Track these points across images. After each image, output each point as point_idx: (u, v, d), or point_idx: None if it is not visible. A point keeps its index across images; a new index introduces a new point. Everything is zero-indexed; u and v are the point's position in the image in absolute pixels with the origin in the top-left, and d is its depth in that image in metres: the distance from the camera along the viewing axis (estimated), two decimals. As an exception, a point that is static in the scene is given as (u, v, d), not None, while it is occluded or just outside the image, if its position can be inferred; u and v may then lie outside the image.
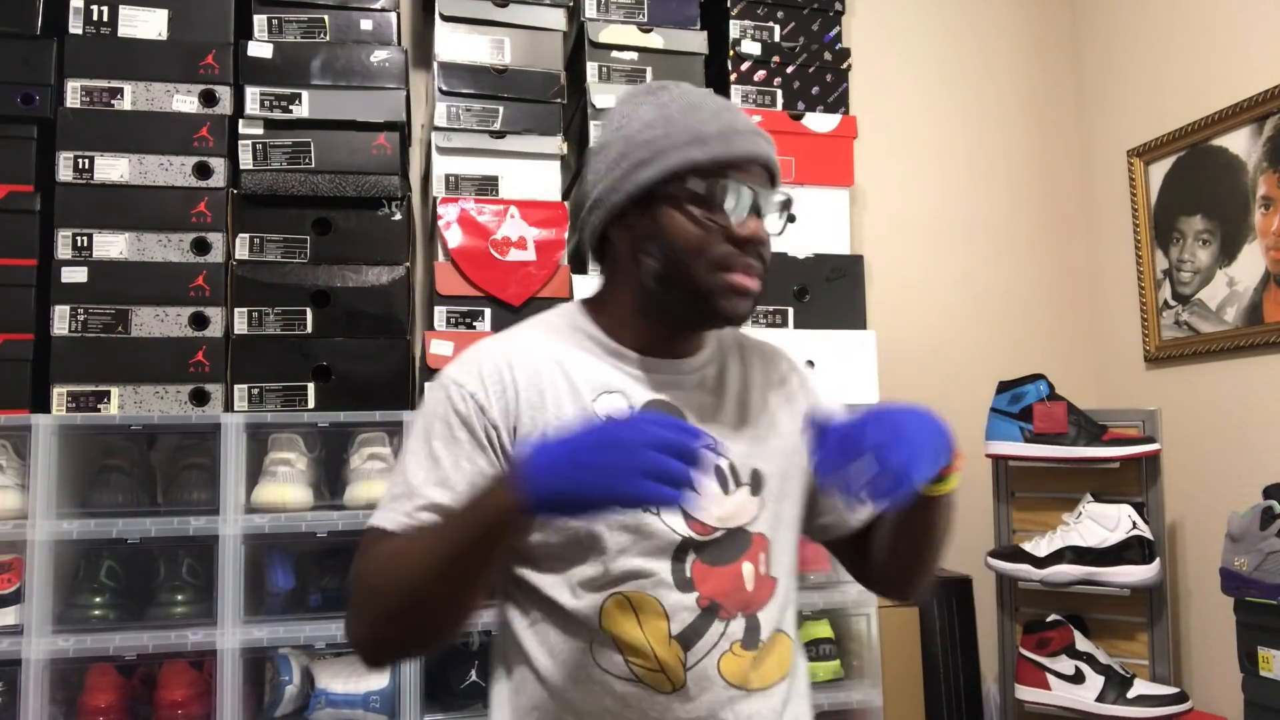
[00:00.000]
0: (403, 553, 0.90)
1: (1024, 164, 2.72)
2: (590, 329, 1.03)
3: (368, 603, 0.91)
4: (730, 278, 0.96)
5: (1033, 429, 2.07)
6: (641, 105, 1.01)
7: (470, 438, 0.95)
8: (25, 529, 1.65)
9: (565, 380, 0.99)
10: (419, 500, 0.93)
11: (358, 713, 1.75)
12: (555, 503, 0.83)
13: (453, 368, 1.00)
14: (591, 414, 0.97)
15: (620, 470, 0.80)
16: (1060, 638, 2.01)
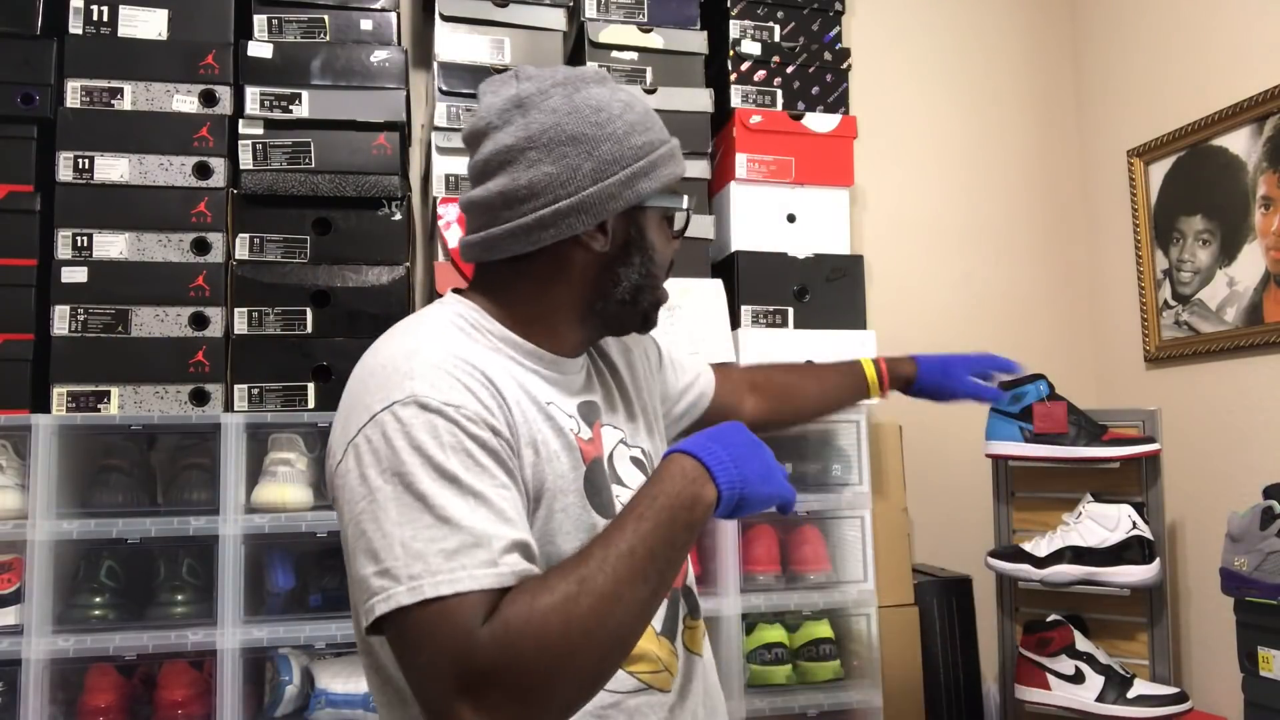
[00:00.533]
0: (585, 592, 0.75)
1: (1024, 164, 2.72)
2: (503, 333, 0.95)
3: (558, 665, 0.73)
4: (664, 293, 1.02)
5: (1033, 429, 2.07)
6: (608, 99, 0.94)
7: (495, 463, 0.83)
8: (25, 529, 1.65)
9: (523, 392, 0.92)
10: (496, 545, 0.77)
11: (358, 713, 1.75)
12: (737, 499, 0.84)
13: (421, 386, 0.82)
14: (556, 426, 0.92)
15: (775, 470, 0.88)
16: (1060, 638, 2.01)
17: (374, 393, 0.84)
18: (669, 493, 0.82)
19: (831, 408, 1.39)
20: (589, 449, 0.95)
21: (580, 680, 0.76)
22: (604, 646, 0.76)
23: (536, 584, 0.77)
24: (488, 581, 0.75)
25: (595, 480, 0.93)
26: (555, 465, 0.90)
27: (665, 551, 0.80)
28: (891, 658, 2.03)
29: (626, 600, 0.76)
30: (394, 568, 0.76)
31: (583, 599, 0.75)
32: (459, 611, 0.74)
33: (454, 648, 0.73)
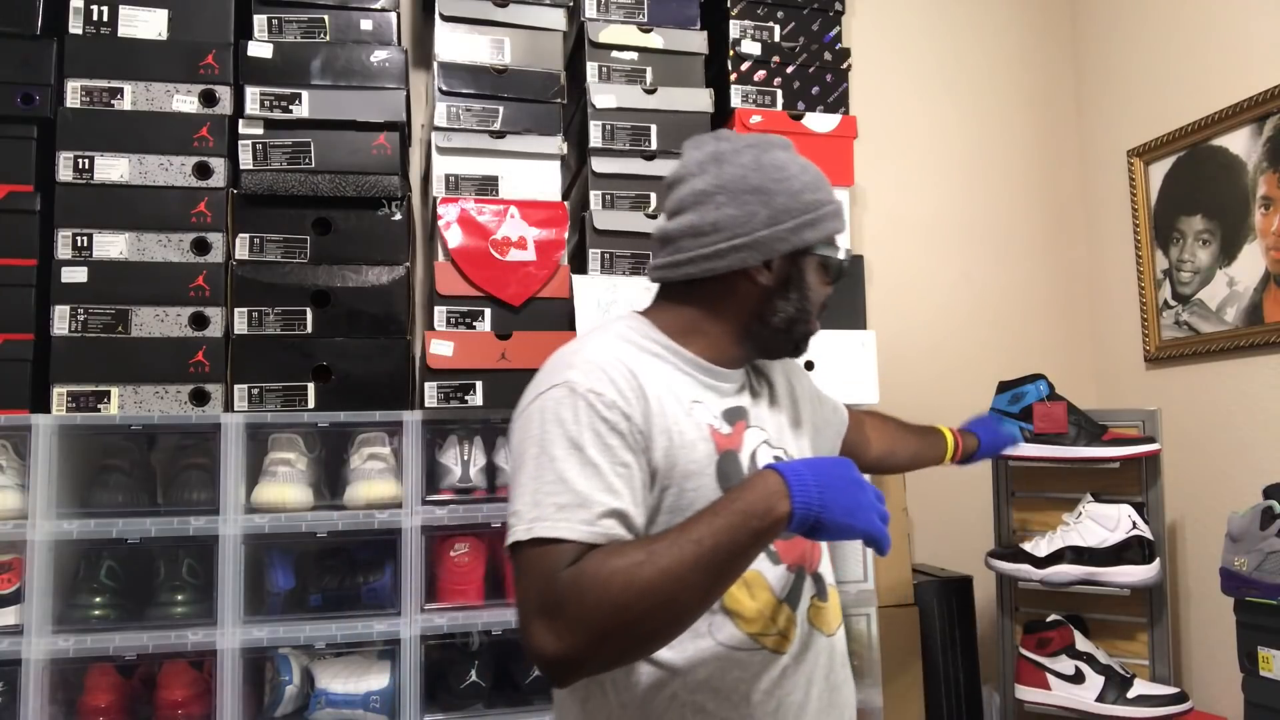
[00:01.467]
0: (650, 563, 0.90)
1: (1024, 164, 2.72)
2: (666, 342, 1.15)
3: (611, 616, 0.89)
4: (815, 326, 1.22)
5: (1033, 429, 2.07)
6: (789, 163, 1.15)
7: (621, 443, 1.01)
8: (25, 529, 1.65)
9: (669, 390, 1.09)
10: (596, 508, 0.96)
11: (358, 713, 1.75)
12: (812, 521, 0.95)
13: (577, 375, 1.03)
14: (695, 421, 1.09)
15: (865, 508, 0.97)
16: (1060, 638, 2.01)
17: (544, 378, 1.07)
18: (747, 499, 0.94)
19: (918, 464, 1.63)
20: (725, 442, 1.11)
21: (631, 632, 0.90)
22: (656, 612, 0.90)
23: (616, 548, 0.94)
24: (582, 535, 0.94)
25: (726, 468, 1.09)
26: (689, 452, 1.06)
27: (729, 548, 0.92)
28: (891, 658, 2.03)
29: (684, 580, 0.90)
30: (522, 510, 0.97)
31: (646, 567, 0.90)
32: (552, 554, 0.93)
33: (541, 580, 0.92)
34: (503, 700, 1.85)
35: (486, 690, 1.82)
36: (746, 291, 1.15)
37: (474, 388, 1.83)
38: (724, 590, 0.99)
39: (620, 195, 2.01)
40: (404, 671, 1.75)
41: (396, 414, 1.81)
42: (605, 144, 2.01)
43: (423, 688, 1.76)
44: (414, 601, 1.76)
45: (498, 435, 1.90)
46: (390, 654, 1.79)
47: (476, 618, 1.80)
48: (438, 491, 1.82)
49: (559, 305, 1.92)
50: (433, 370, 1.81)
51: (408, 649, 1.75)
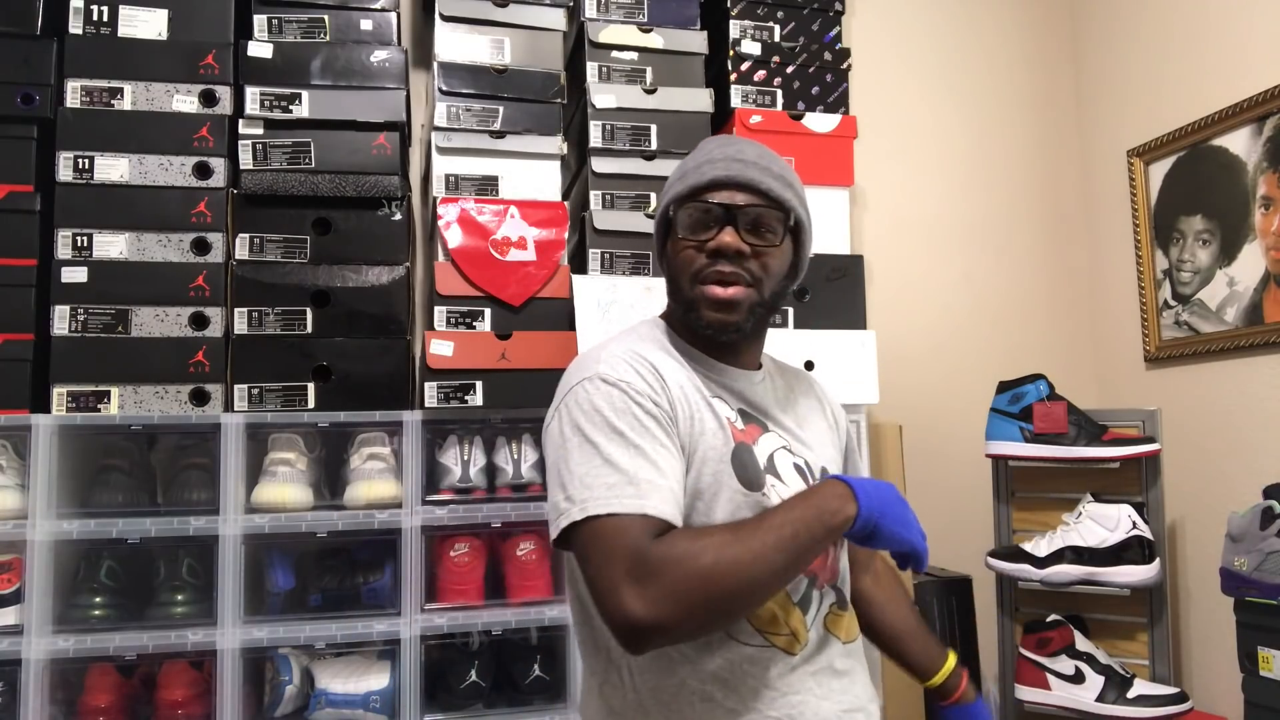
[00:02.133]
0: (737, 543, 0.97)
1: (1024, 164, 2.72)
2: (679, 342, 1.18)
3: (701, 586, 0.95)
4: (704, 289, 1.13)
5: (1033, 429, 2.07)
6: (703, 145, 1.18)
7: (659, 427, 1.05)
8: (25, 529, 1.65)
9: (690, 382, 1.13)
10: (644, 486, 1.00)
11: (358, 713, 1.75)
12: (870, 527, 1.04)
13: (604, 367, 1.08)
14: (714, 411, 1.12)
15: (913, 525, 1.07)
16: (1060, 638, 2.01)
17: (575, 373, 1.11)
18: (821, 497, 1.04)
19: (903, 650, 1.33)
20: (739, 435, 1.13)
21: (715, 603, 0.97)
22: (739, 585, 0.97)
23: (703, 528, 1.03)
24: (633, 508, 0.99)
25: (741, 457, 1.11)
26: (708, 439, 1.10)
27: (805, 538, 1.00)
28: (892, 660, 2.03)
29: (765, 559, 0.98)
30: (573, 494, 1.02)
31: (734, 546, 0.97)
32: (631, 527, 0.98)
33: (628, 549, 0.97)
34: (503, 700, 1.86)
35: (486, 690, 1.82)
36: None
37: (474, 388, 1.83)
38: (796, 575, 1.07)
39: (620, 195, 2.01)
40: (404, 671, 1.75)
41: (396, 414, 1.81)
42: (605, 144, 2.01)
43: (423, 688, 1.76)
44: (414, 601, 1.76)
45: (498, 435, 1.90)
46: (390, 654, 1.79)
47: (476, 618, 1.80)
48: (438, 491, 1.82)
49: (559, 305, 1.92)
50: (433, 370, 1.81)
51: (408, 649, 1.75)
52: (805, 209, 1.19)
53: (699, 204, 1.13)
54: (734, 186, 1.13)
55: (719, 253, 1.12)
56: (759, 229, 1.14)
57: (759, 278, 1.14)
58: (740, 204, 1.13)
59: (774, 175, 1.15)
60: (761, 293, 1.15)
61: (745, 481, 1.10)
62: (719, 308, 1.12)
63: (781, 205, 1.14)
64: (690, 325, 1.17)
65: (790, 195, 1.16)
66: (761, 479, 1.11)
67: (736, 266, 1.12)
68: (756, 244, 1.13)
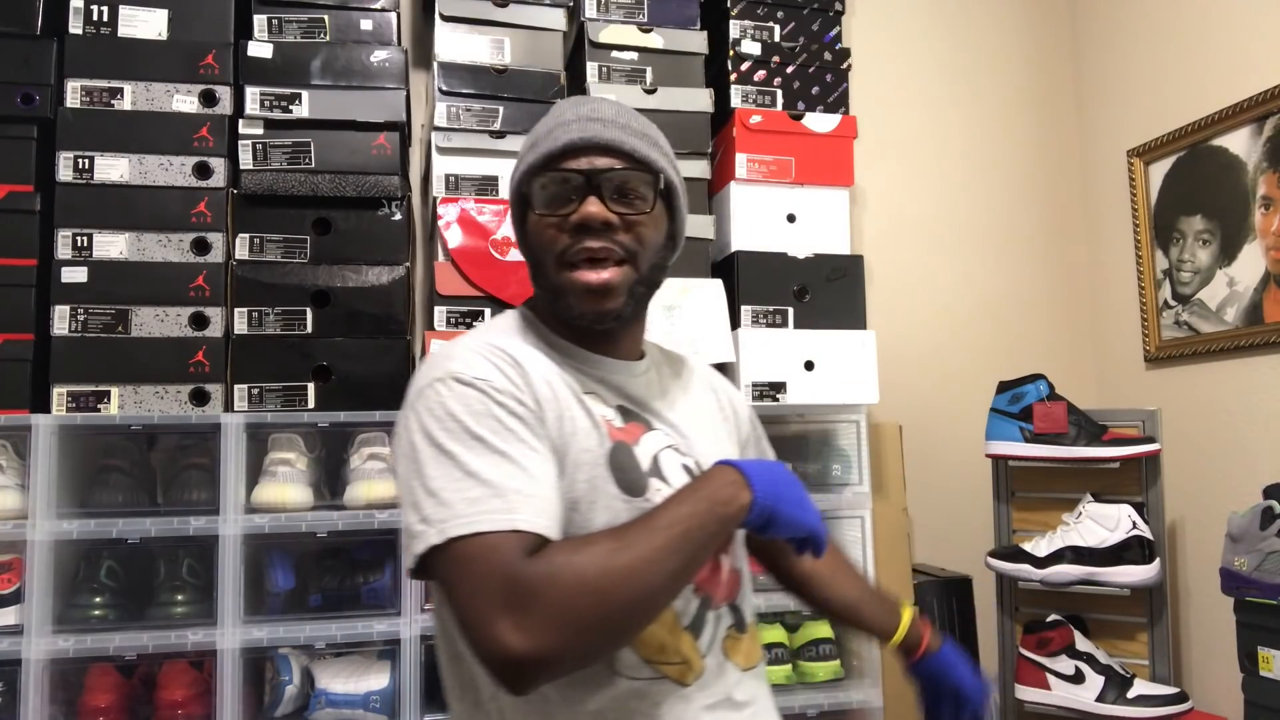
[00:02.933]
0: (624, 549, 0.85)
1: (1024, 164, 2.72)
2: (547, 334, 1.05)
3: (590, 605, 0.82)
4: (573, 275, 0.99)
5: (1033, 429, 2.07)
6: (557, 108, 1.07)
7: (525, 428, 0.92)
8: (25, 529, 1.65)
9: (559, 378, 0.99)
10: (513, 497, 0.87)
11: (358, 713, 1.75)
12: (767, 514, 0.93)
13: (457, 365, 0.94)
14: (586, 408, 0.99)
15: (809, 506, 0.97)
16: (1060, 638, 2.01)
17: (424, 374, 0.96)
18: (710, 487, 0.92)
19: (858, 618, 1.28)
20: (617, 434, 1.00)
21: (607, 623, 0.84)
22: (632, 598, 0.85)
23: (583, 538, 0.89)
24: (502, 524, 0.85)
25: (620, 459, 0.99)
26: (580, 440, 0.97)
27: (698, 535, 0.88)
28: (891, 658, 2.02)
29: (658, 564, 0.86)
30: (429, 515, 0.87)
31: (621, 554, 0.85)
32: (501, 546, 0.84)
33: (501, 573, 0.83)
34: (503, 700, 1.85)
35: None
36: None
37: (474, 388, 1.83)
38: (692, 579, 0.95)
39: (620, 195, 2.01)
40: (404, 671, 1.75)
41: (396, 414, 1.80)
42: (605, 144, 2.00)
43: (423, 688, 1.76)
44: (414, 601, 1.76)
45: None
46: (390, 654, 1.79)
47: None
48: (438, 491, 1.82)
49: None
50: (433, 370, 1.81)
51: (408, 649, 1.75)
52: (675, 169, 1.06)
53: (555, 173, 1.00)
54: (593, 150, 0.99)
55: (584, 227, 0.98)
56: (627, 195, 1.00)
57: (634, 251, 1.00)
58: (602, 168, 0.98)
59: (636, 133, 1.02)
60: (638, 269, 1.01)
61: (625, 486, 0.97)
62: (592, 294, 0.98)
63: (649, 166, 1.01)
64: (560, 314, 1.02)
65: (658, 155, 1.02)
66: (644, 483, 0.99)
67: (606, 241, 0.98)
68: (625, 213, 0.99)
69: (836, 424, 2.15)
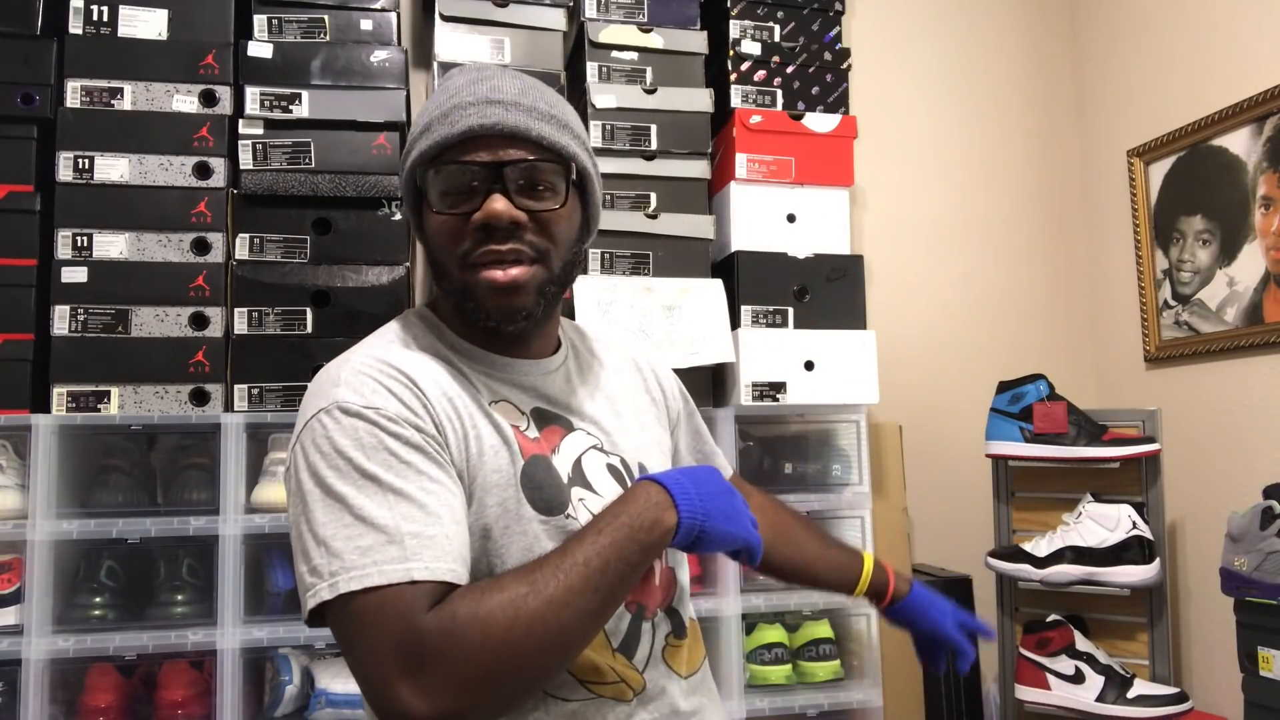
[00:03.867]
0: (534, 594, 0.78)
1: (1024, 164, 2.72)
2: (450, 338, 0.96)
3: (496, 659, 0.76)
4: (478, 275, 0.90)
5: (1033, 429, 2.07)
6: (448, 81, 0.94)
7: (423, 457, 0.84)
8: (25, 529, 1.65)
9: (460, 389, 0.91)
10: (410, 541, 0.79)
11: (358, 713, 1.75)
12: (697, 531, 0.85)
13: (344, 392, 0.85)
14: (494, 422, 0.91)
15: (742, 515, 0.88)
16: (1060, 638, 2.01)
17: (310, 402, 0.87)
18: (631, 513, 0.84)
19: (815, 578, 1.20)
20: (531, 446, 0.93)
21: (520, 675, 0.78)
22: (547, 646, 0.78)
23: (489, 583, 0.80)
24: (398, 575, 0.77)
25: (533, 476, 0.91)
26: (489, 461, 0.90)
27: (619, 566, 0.82)
28: (891, 658, 2.03)
29: (574, 607, 0.79)
30: (319, 565, 0.79)
31: (531, 599, 0.78)
32: (398, 601, 0.77)
33: (397, 632, 0.76)
34: (503, 700, 1.85)
35: None
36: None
37: (474, 388, 1.83)
38: (614, 611, 0.86)
39: (620, 195, 2.01)
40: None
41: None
42: (605, 144, 2.01)
43: (423, 688, 1.75)
44: (414, 601, 1.76)
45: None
46: (390, 654, 1.79)
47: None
48: (438, 491, 1.82)
49: (559, 305, 1.92)
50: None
51: (408, 649, 1.75)
52: (589, 152, 0.96)
53: (453, 166, 0.89)
54: (496, 138, 0.88)
55: (488, 227, 0.88)
56: (535, 188, 0.90)
57: (544, 250, 0.91)
58: (506, 160, 0.88)
59: (544, 116, 0.91)
60: (550, 268, 0.92)
61: (542, 506, 0.90)
62: (500, 295, 0.90)
63: (560, 154, 0.91)
64: (467, 316, 0.93)
65: (569, 140, 0.92)
66: (564, 497, 0.92)
67: (514, 243, 0.89)
68: (534, 207, 0.90)
69: (836, 424, 2.15)
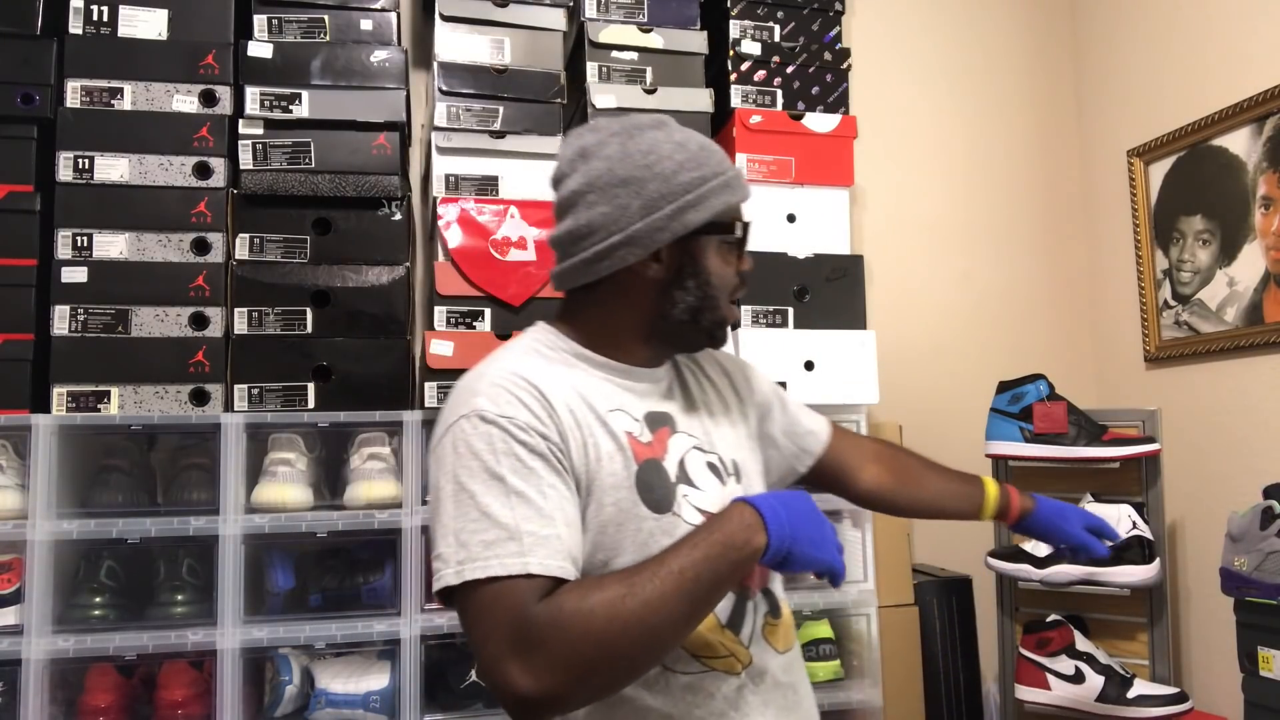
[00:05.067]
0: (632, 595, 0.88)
1: (1024, 164, 2.72)
2: (576, 349, 1.10)
3: (596, 650, 0.87)
4: (732, 311, 1.12)
5: (1033, 429, 2.07)
6: (660, 143, 1.07)
7: (544, 465, 0.97)
8: (25, 529, 1.65)
9: (582, 400, 1.04)
10: (527, 539, 0.92)
11: (358, 713, 1.75)
12: (782, 555, 0.95)
13: (482, 401, 0.98)
14: (610, 431, 1.04)
15: (828, 542, 0.98)
16: (1060, 638, 2.01)
17: (452, 410, 1.02)
18: (725, 530, 0.94)
19: (942, 510, 1.39)
20: (644, 450, 1.06)
21: (615, 667, 0.89)
22: (640, 643, 0.89)
23: (593, 581, 0.92)
24: (515, 568, 0.90)
25: (647, 478, 1.04)
26: (607, 464, 1.02)
27: (710, 578, 0.92)
28: (891, 658, 2.03)
29: (667, 611, 0.89)
30: (446, 554, 0.93)
31: (629, 600, 0.88)
32: (513, 592, 0.90)
33: (510, 618, 0.88)
34: (503, 700, 1.85)
35: (486, 690, 1.82)
36: (641, 288, 1.08)
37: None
38: (703, 619, 0.97)
39: (620, 195, 2.00)
40: (404, 671, 1.75)
41: (396, 414, 1.81)
42: (605, 144, 2.00)
43: (423, 688, 1.76)
44: (414, 601, 1.76)
45: (498, 435, 1.90)
46: (390, 654, 1.79)
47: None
48: (438, 491, 1.82)
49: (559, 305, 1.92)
50: (433, 370, 1.81)
51: (408, 649, 1.75)
52: None
53: (748, 224, 1.11)
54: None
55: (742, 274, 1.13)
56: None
57: None
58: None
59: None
60: None
61: (653, 505, 1.04)
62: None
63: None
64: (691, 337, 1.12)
65: None
66: (671, 496, 1.05)
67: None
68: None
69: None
